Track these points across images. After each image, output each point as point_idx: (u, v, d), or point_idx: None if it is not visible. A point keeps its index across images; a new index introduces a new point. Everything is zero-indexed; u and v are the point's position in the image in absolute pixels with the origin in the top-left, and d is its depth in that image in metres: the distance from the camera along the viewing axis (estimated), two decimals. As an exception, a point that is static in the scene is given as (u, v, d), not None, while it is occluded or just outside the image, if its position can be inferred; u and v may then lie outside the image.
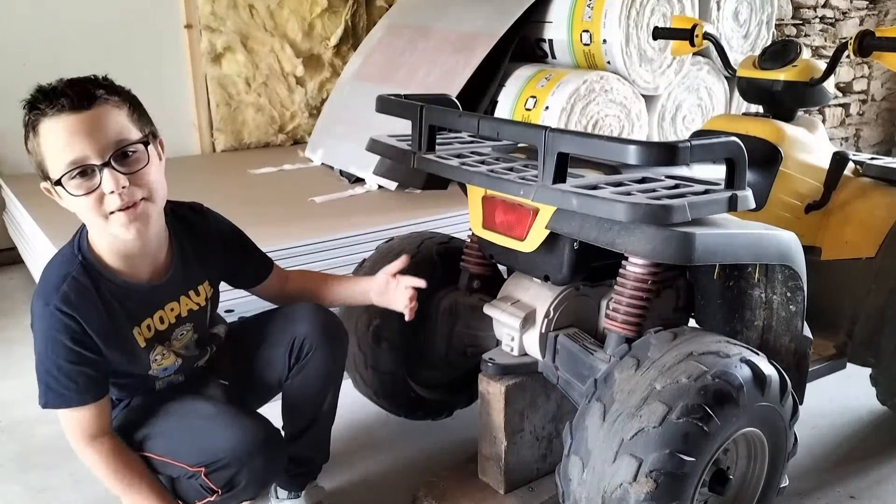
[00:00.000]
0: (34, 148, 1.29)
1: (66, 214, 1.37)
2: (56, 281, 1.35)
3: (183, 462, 1.42)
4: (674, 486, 1.29)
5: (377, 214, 2.88)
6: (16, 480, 1.99)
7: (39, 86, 1.28)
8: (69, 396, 1.37)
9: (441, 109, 1.65)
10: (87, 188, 1.28)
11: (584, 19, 3.31)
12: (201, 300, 1.56)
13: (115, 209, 1.30)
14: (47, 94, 1.26)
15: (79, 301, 1.35)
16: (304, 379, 1.66)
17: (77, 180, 1.28)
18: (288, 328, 1.65)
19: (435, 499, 1.77)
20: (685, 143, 1.30)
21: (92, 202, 1.28)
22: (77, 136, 1.25)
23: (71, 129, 1.24)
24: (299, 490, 1.79)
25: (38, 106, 1.25)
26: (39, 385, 1.38)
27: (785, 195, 1.95)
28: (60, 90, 1.25)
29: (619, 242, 1.36)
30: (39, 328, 1.36)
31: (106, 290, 1.39)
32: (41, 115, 1.25)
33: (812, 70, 1.97)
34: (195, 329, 1.57)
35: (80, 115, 1.25)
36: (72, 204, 1.31)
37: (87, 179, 1.28)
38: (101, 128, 1.26)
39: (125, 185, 1.28)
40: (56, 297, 1.34)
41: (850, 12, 5.52)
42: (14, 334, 2.88)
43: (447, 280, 1.96)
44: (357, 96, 3.69)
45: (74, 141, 1.25)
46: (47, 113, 1.24)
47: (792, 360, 1.67)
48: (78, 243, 1.41)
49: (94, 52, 3.60)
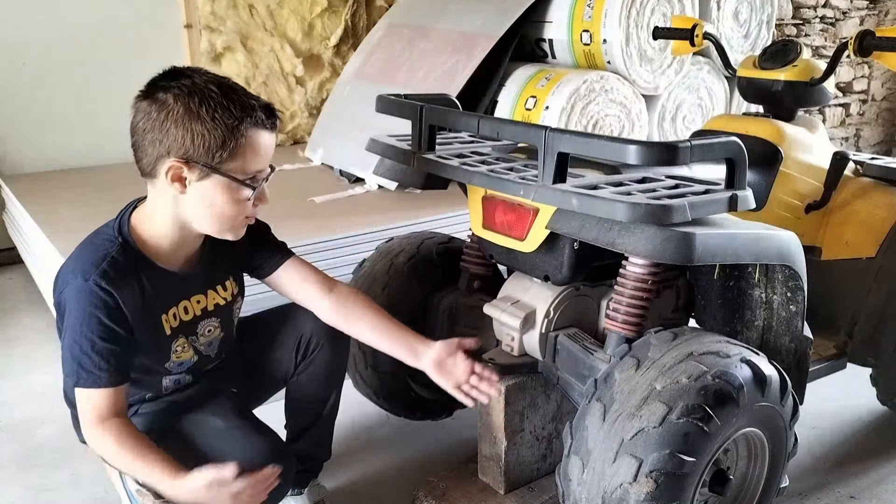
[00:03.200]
0: (231, 144, 1.34)
1: (65, 214, 1.37)
2: (96, 259, 1.37)
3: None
4: (674, 487, 1.29)
5: (377, 214, 2.87)
6: (16, 480, 1.99)
7: (246, 92, 1.39)
8: (100, 377, 1.36)
9: (441, 109, 1.65)
10: (248, 196, 1.41)
11: (584, 19, 3.31)
12: (228, 295, 1.58)
13: (251, 216, 1.45)
14: (264, 108, 1.39)
15: (118, 279, 1.37)
16: (309, 376, 1.69)
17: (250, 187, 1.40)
18: (294, 326, 1.67)
19: (435, 499, 1.77)
20: (685, 143, 1.30)
21: (245, 206, 1.41)
22: (270, 152, 1.43)
23: (269, 144, 1.42)
24: (302, 487, 1.80)
25: (253, 116, 1.36)
26: (71, 365, 1.36)
27: (785, 195, 1.95)
28: (271, 110, 1.41)
29: (620, 242, 1.36)
30: (75, 306, 1.36)
31: (142, 273, 1.41)
32: (251, 122, 1.36)
33: (812, 70, 1.97)
34: (222, 326, 1.58)
35: (273, 136, 1.44)
36: (211, 198, 1.37)
37: (256, 187, 1.41)
38: (273, 151, 1.45)
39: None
40: (95, 273, 1.35)
41: (850, 12, 5.52)
42: (14, 334, 2.88)
43: (447, 280, 1.96)
44: (357, 96, 3.69)
45: (268, 155, 1.43)
46: (258, 125, 1.37)
47: (792, 360, 1.67)
48: (118, 227, 1.42)
49: (94, 52, 3.60)
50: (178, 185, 1.35)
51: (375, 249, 2.06)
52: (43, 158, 3.64)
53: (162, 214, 1.41)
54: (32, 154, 3.63)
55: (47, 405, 2.31)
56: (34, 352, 2.72)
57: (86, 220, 2.51)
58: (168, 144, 1.32)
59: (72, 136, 3.68)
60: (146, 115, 1.33)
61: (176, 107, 1.31)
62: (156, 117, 1.32)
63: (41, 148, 3.64)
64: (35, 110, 3.58)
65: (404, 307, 1.93)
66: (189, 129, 1.31)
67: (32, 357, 2.68)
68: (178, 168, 1.33)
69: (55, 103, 3.62)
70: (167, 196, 1.38)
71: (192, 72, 1.36)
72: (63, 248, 2.45)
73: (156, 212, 1.41)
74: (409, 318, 1.92)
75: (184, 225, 1.42)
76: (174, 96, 1.31)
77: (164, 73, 1.36)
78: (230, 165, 1.35)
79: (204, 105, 1.31)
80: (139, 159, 1.38)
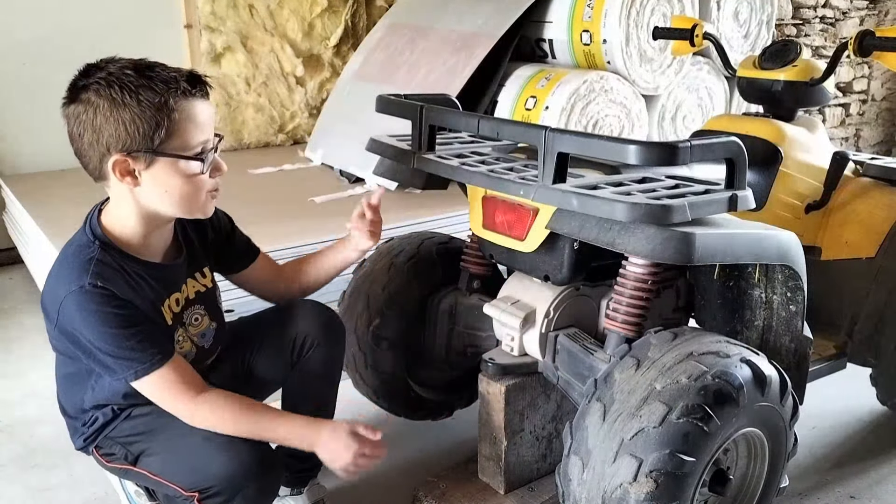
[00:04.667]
0: (165, 122, 1.30)
1: (65, 214, 1.37)
2: (81, 266, 1.34)
3: (177, 485, 1.40)
4: (674, 486, 1.29)
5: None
6: (16, 480, 1.99)
7: (165, 66, 1.34)
8: (152, 355, 1.33)
9: (441, 109, 1.65)
10: (200, 170, 1.37)
11: (584, 19, 3.31)
12: (207, 282, 1.57)
13: (213, 189, 1.41)
14: (188, 78, 1.33)
15: (110, 277, 1.34)
16: (306, 375, 1.68)
17: (199, 160, 1.36)
18: (290, 325, 1.67)
19: (435, 499, 1.77)
20: (685, 143, 1.30)
21: (201, 181, 1.38)
22: (209, 120, 1.37)
23: (204, 112, 1.36)
24: (301, 487, 1.80)
25: (178, 87, 1.31)
26: (117, 364, 1.33)
27: (785, 195, 1.95)
28: (196, 76, 1.35)
29: (619, 242, 1.36)
30: (84, 314, 1.31)
31: (129, 269, 1.39)
32: (179, 94, 1.31)
33: (812, 70, 1.97)
34: (210, 315, 1.57)
35: (207, 103, 1.37)
36: (164, 182, 1.34)
37: (205, 160, 1.37)
38: (213, 118, 1.40)
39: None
40: (87, 277, 1.32)
41: (850, 12, 5.52)
42: (14, 334, 2.88)
43: (447, 280, 1.96)
44: (357, 96, 3.69)
45: (209, 124, 1.37)
46: (187, 95, 1.32)
47: (792, 360, 1.67)
48: (90, 230, 1.40)
49: (94, 52, 3.58)
50: (130, 178, 1.33)
51: (375, 249, 2.06)
52: (43, 158, 3.64)
53: (127, 211, 1.38)
54: (32, 154, 3.63)
55: (47, 405, 2.31)
56: (34, 352, 2.72)
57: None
58: (105, 142, 1.30)
59: (72, 136, 3.68)
60: (76, 119, 1.32)
61: (100, 101, 1.29)
62: (85, 118, 1.30)
63: (41, 148, 3.63)
64: (35, 110, 3.58)
65: (404, 307, 1.93)
66: (119, 119, 1.29)
67: (32, 357, 2.68)
68: (122, 162, 1.31)
69: (55, 103, 3.56)
70: (124, 192, 1.36)
71: (105, 63, 1.33)
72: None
73: (121, 211, 1.39)
74: (409, 318, 1.94)
75: (151, 215, 1.39)
76: (95, 92, 1.29)
77: (79, 72, 1.34)
78: (172, 144, 1.32)
79: (125, 91, 1.28)
80: (85, 165, 1.36)
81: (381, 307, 1.92)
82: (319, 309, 1.70)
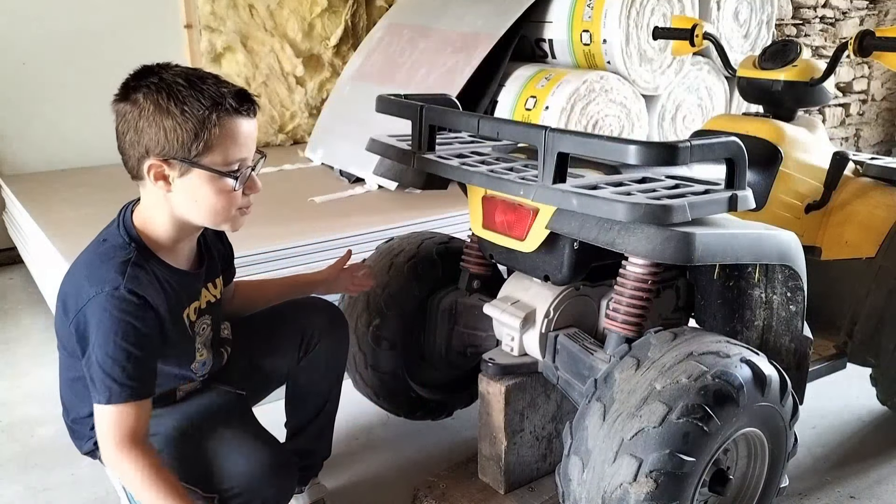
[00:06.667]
0: (205, 135, 1.31)
1: (65, 214, 1.37)
2: (116, 268, 1.33)
3: (196, 486, 1.40)
4: (674, 486, 1.29)
5: (377, 214, 2.87)
6: (16, 480, 1.99)
7: (217, 80, 1.36)
8: (133, 388, 1.31)
9: (441, 109, 1.65)
10: (232, 187, 1.38)
11: (584, 19, 3.31)
12: (217, 293, 1.58)
13: (244, 206, 1.42)
14: (236, 95, 1.35)
15: (146, 283, 1.34)
16: (310, 371, 1.70)
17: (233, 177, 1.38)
18: (297, 320, 1.69)
19: (435, 499, 1.77)
20: (685, 143, 1.30)
21: (234, 197, 1.39)
22: (250, 139, 1.39)
23: (247, 131, 1.38)
24: (302, 485, 1.80)
25: (224, 103, 1.33)
26: (102, 381, 1.30)
27: (785, 195, 1.95)
28: (245, 94, 1.37)
29: (619, 242, 1.36)
30: (104, 318, 1.29)
31: (160, 274, 1.39)
32: (223, 110, 1.33)
33: (812, 70, 1.97)
34: (213, 325, 1.57)
35: (252, 122, 1.40)
36: (196, 193, 1.35)
37: (239, 177, 1.38)
38: (255, 137, 1.42)
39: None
40: (123, 280, 1.31)
41: (850, 12, 5.52)
42: (14, 334, 2.88)
43: (447, 280, 1.96)
44: (357, 96, 3.69)
45: (249, 143, 1.39)
46: (231, 112, 1.34)
47: (792, 360, 1.67)
48: (125, 231, 1.39)
49: (94, 52, 3.60)
50: (163, 183, 1.34)
51: (375, 249, 2.06)
52: (43, 158, 3.64)
53: (160, 214, 1.39)
54: (32, 154, 3.63)
55: (47, 405, 2.31)
56: (34, 352, 2.72)
57: (86, 221, 2.52)
58: (145, 144, 1.31)
59: (72, 136, 3.67)
60: (122, 117, 1.33)
61: (146, 105, 1.30)
62: (130, 118, 1.31)
63: (41, 148, 3.64)
64: (35, 110, 3.58)
65: (404, 307, 1.93)
66: (161, 125, 1.30)
67: (32, 357, 2.68)
68: (158, 167, 1.32)
69: (55, 103, 3.62)
70: (157, 196, 1.37)
71: (160, 68, 1.34)
72: (63, 248, 2.45)
73: (153, 213, 1.40)
74: (409, 318, 1.94)
75: (180, 221, 1.40)
76: (143, 95, 1.30)
77: (134, 73, 1.34)
78: (209, 158, 1.33)
79: (172, 100, 1.29)
80: (125, 162, 1.37)
81: (381, 307, 1.92)
82: (326, 305, 1.73)
